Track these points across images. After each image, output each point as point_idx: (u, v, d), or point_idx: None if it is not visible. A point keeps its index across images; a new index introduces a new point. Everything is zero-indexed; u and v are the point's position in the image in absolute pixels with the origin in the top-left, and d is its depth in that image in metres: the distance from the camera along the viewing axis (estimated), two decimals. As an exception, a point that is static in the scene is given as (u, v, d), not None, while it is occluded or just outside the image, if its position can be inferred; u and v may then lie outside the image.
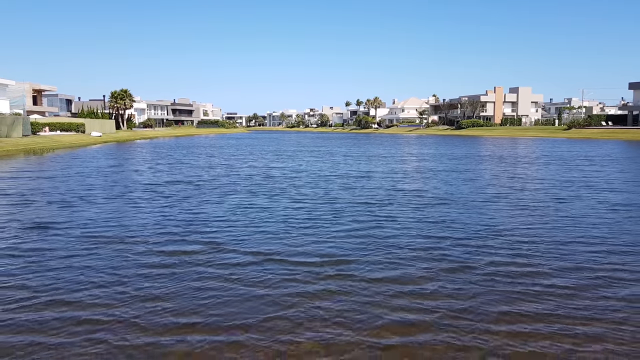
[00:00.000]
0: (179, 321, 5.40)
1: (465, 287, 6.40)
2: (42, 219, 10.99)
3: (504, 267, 7.25)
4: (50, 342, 4.96)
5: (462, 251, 8.11)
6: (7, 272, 7.15)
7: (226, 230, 9.84)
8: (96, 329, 5.23)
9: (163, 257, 7.88)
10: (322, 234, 9.39)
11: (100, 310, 5.72)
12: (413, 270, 7.09)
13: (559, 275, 6.91)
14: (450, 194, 14.98)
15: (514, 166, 25.03)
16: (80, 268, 7.32)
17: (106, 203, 13.28)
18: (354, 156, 34.26)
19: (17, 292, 6.28)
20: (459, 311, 5.63)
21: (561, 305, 5.81)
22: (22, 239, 9.10)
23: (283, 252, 8.08)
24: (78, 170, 22.97)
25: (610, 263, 7.48)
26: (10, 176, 20.34)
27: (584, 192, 15.14)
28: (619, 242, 8.76)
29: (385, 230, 9.69)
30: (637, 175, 20.87)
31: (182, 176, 20.41)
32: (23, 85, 65.07)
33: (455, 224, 10.26)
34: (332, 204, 13.03)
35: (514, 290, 6.33)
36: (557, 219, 10.83)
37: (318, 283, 6.56)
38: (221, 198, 14.22)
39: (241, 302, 5.93)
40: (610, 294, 6.17)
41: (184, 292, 6.27)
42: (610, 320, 5.38)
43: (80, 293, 6.27)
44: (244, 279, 6.79)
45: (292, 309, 5.68)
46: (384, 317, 5.46)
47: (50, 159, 31.09)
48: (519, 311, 5.64)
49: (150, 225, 10.29)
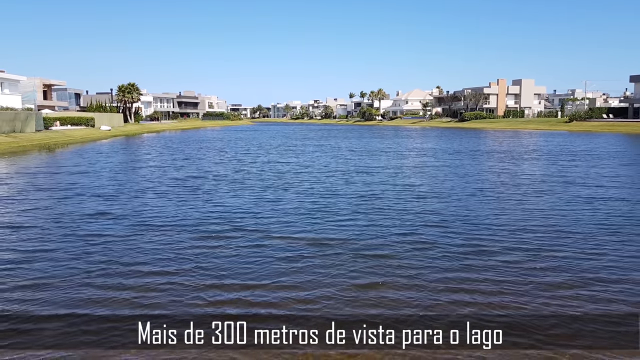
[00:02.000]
0: (221, 282, 7.39)
1: (421, 256, 7.95)
2: (98, 210, 13.03)
3: (456, 248, 8.82)
4: (131, 295, 6.87)
5: (430, 232, 9.67)
6: (88, 250, 9.10)
7: (254, 217, 11.97)
8: (163, 283, 7.14)
9: (205, 238, 10.01)
10: (328, 220, 11.10)
11: (165, 271, 7.81)
12: (395, 248, 8.65)
13: (504, 252, 8.43)
14: (435, 187, 16.62)
15: (501, 162, 26.52)
16: (142, 247, 9.36)
17: (145, 196, 15.41)
18: (356, 151, 35.79)
19: (99, 264, 8.17)
20: (418, 267, 7.18)
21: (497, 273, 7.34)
22: (89, 226, 11.15)
23: (294, 232, 9.96)
24: (104, 165, 24.98)
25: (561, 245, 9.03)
26: (48, 171, 22.19)
27: (547, 187, 16.64)
28: (574, 230, 10.29)
29: (378, 217, 11.27)
30: (603, 171, 22.25)
31: (202, 172, 22.43)
32: (34, 81, 66.81)
33: (435, 214, 11.85)
34: (337, 196, 14.91)
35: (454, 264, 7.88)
36: (515, 209, 12.37)
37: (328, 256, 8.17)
38: (243, 191, 16.31)
39: (268, 264, 7.93)
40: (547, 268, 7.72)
41: (224, 260, 8.37)
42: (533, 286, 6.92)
43: (146, 262, 8.30)
44: (269, 252, 8.85)
45: (300, 264, 7.29)
46: (357, 271, 7.03)
47: (73, 154, 32.88)
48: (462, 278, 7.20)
49: (188, 214, 12.43)
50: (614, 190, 16.30)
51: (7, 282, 7.30)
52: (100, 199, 14.74)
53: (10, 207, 13.63)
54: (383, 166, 24.70)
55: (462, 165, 25.05)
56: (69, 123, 60.59)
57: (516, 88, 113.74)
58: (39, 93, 68.83)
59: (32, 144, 41.49)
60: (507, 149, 36.49)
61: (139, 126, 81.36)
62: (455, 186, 17.46)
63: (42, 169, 23.42)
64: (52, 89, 76.38)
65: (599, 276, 7.58)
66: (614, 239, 9.82)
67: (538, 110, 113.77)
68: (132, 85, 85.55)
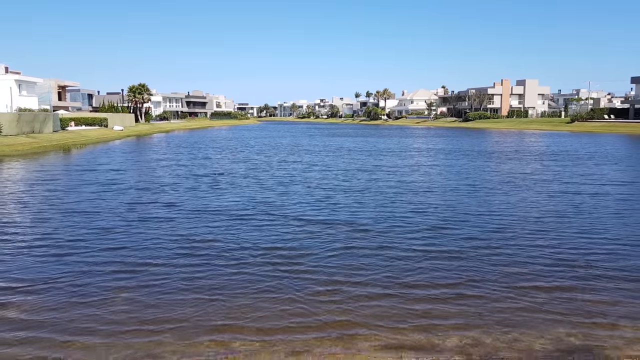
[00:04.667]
0: (267, 245, 9.60)
1: (406, 240, 9.75)
2: (152, 199, 15.79)
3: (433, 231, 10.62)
4: (197, 261, 9.01)
5: (415, 216, 11.46)
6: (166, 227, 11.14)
7: (281, 205, 14.58)
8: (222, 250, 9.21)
9: (247, 218, 12.88)
10: (335, 207, 12.92)
11: (222, 240, 10.32)
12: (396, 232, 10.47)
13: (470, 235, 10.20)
14: (430, 184, 18.32)
15: (495, 161, 28.16)
16: (206, 225, 12.04)
17: (185, 188, 18.23)
18: (363, 150, 37.50)
19: (173, 239, 10.08)
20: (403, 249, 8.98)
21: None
22: (156, 213, 13.75)
23: (309, 218, 11.80)
24: (133, 164, 27.67)
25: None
26: (87, 169, 24.53)
27: (529, 184, 18.32)
28: (545, 221, 12.04)
29: (379, 210, 13.13)
30: (580, 172, 23.89)
31: (223, 169, 25.04)
32: (49, 82, 68.99)
33: (428, 207, 13.65)
34: (349, 191, 16.66)
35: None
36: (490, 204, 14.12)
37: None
38: (265, 185, 18.91)
39: (291, 238, 9.92)
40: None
41: (257, 234, 10.93)
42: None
43: (211, 236, 10.56)
44: (293, 229, 10.95)
45: (310, 240, 9.16)
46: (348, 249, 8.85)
47: (97, 154, 34.94)
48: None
49: (227, 202, 15.22)
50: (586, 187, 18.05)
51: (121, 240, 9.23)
52: (148, 192, 17.50)
53: (80, 198, 16.07)
54: (391, 165, 26.49)
55: (458, 164, 26.76)
56: (84, 123, 62.48)
57: (520, 88, 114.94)
58: (54, 94, 70.97)
59: (52, 145, 43.28)
60: (501, 150, 38.09)
61: (149, 126, 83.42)
62: (453, 180, 19.22)
63: (78, 167, 25.72)
64: (66, 90, 78.56)
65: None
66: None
67: (542, 110, 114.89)
68: (142, 86, 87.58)
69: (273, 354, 5.70)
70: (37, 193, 17.04)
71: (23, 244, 10.41)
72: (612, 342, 5.96)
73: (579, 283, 8.04)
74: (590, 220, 12.62)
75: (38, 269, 8.71)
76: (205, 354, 5.72)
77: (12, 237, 10.93)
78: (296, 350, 5.80)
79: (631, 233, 11.36)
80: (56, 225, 12.04)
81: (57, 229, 11.65)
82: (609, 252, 9.79)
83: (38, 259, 9.32)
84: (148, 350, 5.80)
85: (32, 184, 19.20)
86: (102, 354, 5.70)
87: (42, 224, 12.27)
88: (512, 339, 6.01)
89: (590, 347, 5.83)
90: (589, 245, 10.27)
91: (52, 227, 11.91)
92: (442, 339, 6.00)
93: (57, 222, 12.45)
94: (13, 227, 11.90)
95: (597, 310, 6.94)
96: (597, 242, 10.51)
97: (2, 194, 16.91)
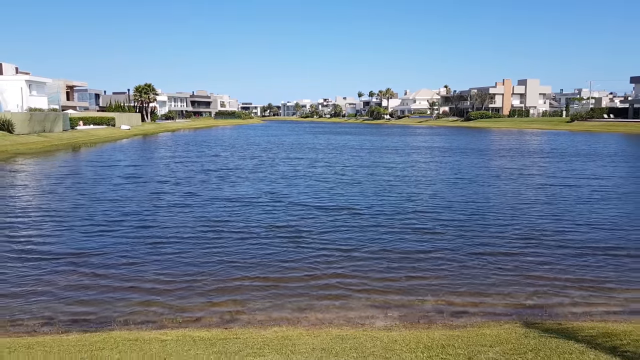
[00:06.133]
0: (274, 223, 11.05)
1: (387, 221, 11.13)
2: (178, 191, 17.62)
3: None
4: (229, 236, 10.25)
5: (404, 203, 12.82)
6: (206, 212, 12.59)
7: (287, 194, 16.26)
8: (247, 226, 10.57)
9: (256, 204, 14.81)
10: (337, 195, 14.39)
11: (248, 220, 11.32)
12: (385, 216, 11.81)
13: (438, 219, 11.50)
14: (422, 178, 19.74)
15: (486, 158, 29.47)
16: (221, 209, 13.91)
17: (202, 181, 19.99)
18: (364, 148, 38.80)
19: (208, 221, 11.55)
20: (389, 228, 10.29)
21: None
22: (177, 200, 15.64)
23: (311, 204, 13.29)
24: (149, 159, 29.69)
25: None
26: (106, 165, 26.30)
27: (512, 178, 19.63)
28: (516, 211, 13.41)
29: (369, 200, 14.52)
30: (562, 170, 25.15)
31: (232, 164, 26.83)
32: (58, 82, 70.51)
33: (417, 196, 15.10)
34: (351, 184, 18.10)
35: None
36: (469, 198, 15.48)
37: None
38: (271, 178, 20.63)
39: (295, 217, 11.27)
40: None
41: (265, 215, 11.87)
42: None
43: (226, 217, 11.88)
44: (296, 212, 12.11)
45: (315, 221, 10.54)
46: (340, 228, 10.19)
47: (111, 151, 36.57)
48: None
49: (239, 192, 17.09)
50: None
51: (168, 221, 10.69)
52: (167, 183, 19.43)
53: (108, 189, 17.93)
54: (393, 161, 27.80)
55: (451, 160, 28.06)
56: (92, 123, 63.82)
57: (521, 88, 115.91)
58: (62, 94, 72.47)
59: (63, 143, 44.72)
60: (495, 148, 39.30)
61: (155, 125, 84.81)
62: (452, 175, 20.53)
63: (98, 163, 27.48)
64: (74, 89, 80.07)
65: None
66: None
67: (543, 110, 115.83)
68: (148, 86, 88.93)
69: (278, 297, 7.35)
70: (69, 185, 18.88)
71: (71, 224, 12.23)
72: (559, 300, 7.26)
73: (535, 254, 9.62)
74: (558, 206, 14.38)
75: (90, 241, 10.56)
76: (230, 294, 7.41)
77: (61, 219, 12.78)
78: (298, 292, 7.53)
79: (590, 216, 13.09)
80: (92, 210, 13.84)
81: (94, 213, 13.45)
82: (570, 230, 11.46)
83: (87, 234, 11.18)
84: (188, 288, 7.57)
85: (62, 178, 21.02)
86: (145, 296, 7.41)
87: (79, 209, 14.10)
88: (477, 300, 7.29)
89: (541, 304, 7.11)
90: (549, 225, 11.92)
91: (89, 211, 13.70)
92: (420, 301, 7.29)
93: (92, 208, 14.27)
94: (58, 212, 13.67)
95: (549, 276, 8.43)
96: (559, 223, 12.16)
97: (40, 186, 18.71)
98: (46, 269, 8.72)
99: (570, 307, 7.10)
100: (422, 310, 6.95)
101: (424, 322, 6.49)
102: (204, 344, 5.19)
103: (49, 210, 13.85)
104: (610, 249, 9.91)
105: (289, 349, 4.98)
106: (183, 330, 6.05)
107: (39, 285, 7.91)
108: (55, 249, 9.94)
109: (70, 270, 8.64)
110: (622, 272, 8.53)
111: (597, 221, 12.42)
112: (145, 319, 6.61)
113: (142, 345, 5.15)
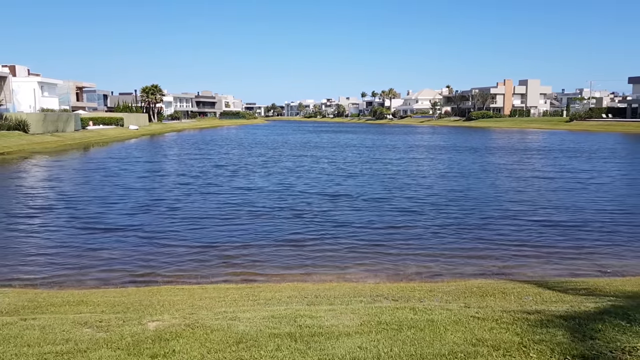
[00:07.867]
0: (285, 206, 12.63)
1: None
2: (196, 182, 19.67)
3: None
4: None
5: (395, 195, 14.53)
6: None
7: (294, 184, 18.42)
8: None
9: (277, 195, 16.28)
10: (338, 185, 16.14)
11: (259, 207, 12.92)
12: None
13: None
14: (417, 172, 21.42)
15: (480, 155, 31.07)
16: (237, 196, 16.04)
17: (217, 175, 22.03)
18: (366, 146, 40.46)
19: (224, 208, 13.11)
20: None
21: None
22: (198, 189, 17.81)
23: (315, 192, 15.04)
24: (164, 156, 32.02)
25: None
26: (128, 161, 27.92)
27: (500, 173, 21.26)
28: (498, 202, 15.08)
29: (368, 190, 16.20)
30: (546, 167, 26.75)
31: (242, 161, 28.76)
32: (68, 83, 72.29)
33: (410, 186, 16.79)
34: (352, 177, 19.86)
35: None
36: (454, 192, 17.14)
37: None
38: (279, 172, 22.65)
39: (301, 203, 12.97)
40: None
41: (281, 204, 13.49)
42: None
43: (241, 201, 13.45)
44: (314, 199, 13.90)
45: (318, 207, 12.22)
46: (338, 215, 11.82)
47: (126, 150, 38.38)
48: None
49: (251, 183, 19.30)
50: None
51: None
52: (186, 176, 21.50)
53: (133, 181, 20.09)
54: (398, 158, 29.47)
55: (447, 157, 29.70)
56: (101, 123, 65.47)
57: (522, 88, 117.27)
58: (72, 95, 74.24)
59: (75, 142, 46.45)
60: (491, 146, 40.88)
61: (162, 125, 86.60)
62: (451, 171, 22.19)
63: (117, 159, 29.49)
64: (83, 90, 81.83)
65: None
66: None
67: (544, 110, 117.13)
68: (155, 87, 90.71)
69: (286, 268, 9.02)
70: (101, 178, 20.98)
71: (117, 205, 14.49)
72: (521, 270, 8.90)
73: (505, 230, 11.33)
74: (529, 193, 16.55)
75: (133, 218, 12.65)
76: (241, 265, 9.11)
77: (105, 201, 15.12)
78: (304, 264, 9.18)
79: (556, 201, 15.17)
80: (123, 198, 15.83)
81: (125, 200, 15.43)
82: (535, 211, 13.26)
83: (131, 213, 13.27)
84: (218, 256, 9.32)
85: (89, 172, 23.18)
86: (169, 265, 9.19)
87: (111, 196, 16.16)
88: (452, 267, 8.93)
89: (505, 272, 8.75)
90: (519, 208, 13.72)
91: (120, 199, 15.68)
92: (405, 266, 8.93)
93: (121, 196, 16.26)
94: (102, 197, 15.90)
95: (515, 248, 10.15)
96: (527, 206, 13.97)
97: (72, 179, 20.83)
98: (112, 238, 10.88)
99: (529, 272, 8.75)
100: (406, 274, 8.58)
101: (405, 280, 8.12)
102: (235, 289, 6.86)
103: (95, 197, 16.11)
104: (566, 226, 11.79)
105: (300, 292, 6.62)
106: (216, 285, 7.72)
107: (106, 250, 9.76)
108: (114, 224, 12.18)
109: (128, 241, 10.67)
110: (574, 243, 10.38)
111: (561, 205, 14.61)
112: (186, 279, 8.28)
113: (189, 290, 6.83)
